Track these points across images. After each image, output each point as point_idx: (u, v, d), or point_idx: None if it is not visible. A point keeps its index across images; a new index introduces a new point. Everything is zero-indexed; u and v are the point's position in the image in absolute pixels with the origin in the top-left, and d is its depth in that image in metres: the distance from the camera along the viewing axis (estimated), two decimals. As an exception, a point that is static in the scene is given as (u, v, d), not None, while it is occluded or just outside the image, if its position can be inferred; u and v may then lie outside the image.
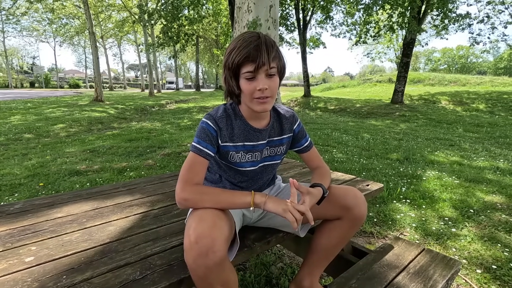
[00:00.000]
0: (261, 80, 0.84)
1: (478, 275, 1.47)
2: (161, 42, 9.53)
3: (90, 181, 2.80)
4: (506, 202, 2.36)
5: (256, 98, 0.87)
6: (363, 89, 19.59)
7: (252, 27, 3.30)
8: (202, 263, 0.68)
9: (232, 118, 0.96)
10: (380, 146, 4.55)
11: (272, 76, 0.86)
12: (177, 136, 5.15)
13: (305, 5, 13.12)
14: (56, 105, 10.82)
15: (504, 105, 10.18)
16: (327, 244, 1.04)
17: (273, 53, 0.84)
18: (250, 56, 0.82)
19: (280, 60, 0.88)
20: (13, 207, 1.22)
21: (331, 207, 0.99)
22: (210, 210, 0.80)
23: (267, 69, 0.84)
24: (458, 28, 10.35)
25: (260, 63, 0.82)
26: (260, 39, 0.83)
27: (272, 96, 0.88)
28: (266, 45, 0.83)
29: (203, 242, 0.68)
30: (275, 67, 0.86)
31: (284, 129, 1.06)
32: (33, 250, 0.88)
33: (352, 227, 1.00)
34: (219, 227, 0.73)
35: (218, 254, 0.69)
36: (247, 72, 0.84)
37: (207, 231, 0.70)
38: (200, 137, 0.91)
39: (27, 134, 5.55)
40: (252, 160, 1.01)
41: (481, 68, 48.91)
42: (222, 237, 0.71)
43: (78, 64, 56.43)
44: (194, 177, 0.87)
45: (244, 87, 0.87)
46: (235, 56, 0.84)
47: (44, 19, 24.21)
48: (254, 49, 0.82)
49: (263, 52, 0.82)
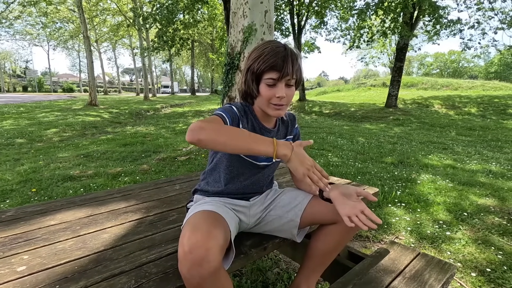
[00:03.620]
0: (281, 89, 0.90)
1: (473, 278, 1.49)
2: (156, 46, 9.52)
3: (84, 186, 2.77)
4: (499, 205, 2.39)
5: (274, 104, 0.92)
6: (358, 93, 19.77)
7: (248, 32, 3.32)
8: (196, 273, 0.68)
9: (248, 114, 1.00)
10: (374, 149, 4.58)
11: (291, 86, 0.92)
12: (172, 140, 5.12)
13: (299, 10, 13.26)
14: (50, 109, 10.71)
15: (495, 109, 10.36)
16: (323, 248, 1.04)
17: (297, 65, 0.90)
18: (277, 65, 0.87)
19: (300, 72, 0.93)
20: (5, 214, 1.19)
21: (328, 211, 0.99)
22: (205, 218, 0.79)
23: (289, 79, 0.89)
24: (449, 34, 10.55)
25: (284, 73, 0.87)
26: (287, 51, 0.89)
27: (287, 104, 0.94)
28: (292, 58, 0.89)
29: (197, 252, 0.67)
30: (295, 78, 0.91)
31: (287, 131, 1.11)
32: (25, 259, 0.86)
33: (349, 232, 1.00)
34: (213, 236, 0.72)
35: (213, 264, 0.68)
36: (270, 79, 0.89)
37: (201, 241, 0.69)
38: (225, 110, 0.92)
39: (19, 139, 5.47)
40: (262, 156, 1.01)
41: (473, 72, 49.76)
42: (216, 247, 0.70)
43: (72, 68, 56.10)
44: (213, 121, 0.84)
45: (264, 92, 0.91)
46: (261, 63, 0.88)
47: (37, 23, 23.99)
48: (281, 60, 0.87)
49: (289, 63, 0.87)
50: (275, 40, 0.99)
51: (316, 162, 0.85)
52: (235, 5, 3.43)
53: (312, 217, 1.02)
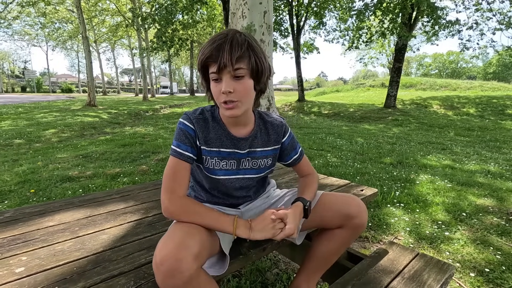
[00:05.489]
0: (226, 82, 0.77)
1: (472, 279, 1.49)
2: (155, 47, 9.52)
3: (82, 187, 2.76)
4: (497, 205, 2.39)
5: (223, 102, 0.80)
6: (357, 94, 19.82)
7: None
8: (170, 284, 0.66)
9: (209, 121, 0.90)
10: (373, 150, 4.59)
11: (240, 78, 0.77)
12: (171, 141, 5.11)
13: (298, 11, 13.28)
14: (48, 110, 10.68)
15: (494, 109, 10.40)
16: (326, 252, 1.03)
17: (238, 52, 0.74)
18: (213, 56, 0.75)
19: (251, 60, 0.77)
20: (3, 215, 1.19)
21: (334, 216, 0.97)
22: (181, 227, 0.76)
23: (230, 70, 0.75)
24: (448, 34, 10.60)
25: (221, 63, 0.74)
26: (227, 38, 0.75)
27: (240, 100, 0.79)
28: (231, 44, 0.74)
29: (168, 264, 0.65)
30: (244, 68, 0.77)
31: (270, 140, 0.98)
32: (23, 261, 0.86)
33: (352, 235, 1.00)
34: (185, 246, 0.69)
35: (186, 273, 0.66)
36: (212, 73, 0.78)
37: (172, 252, 0.67)
38: (179, 140, 0.85)
39: (17, 140, 5.45)
40: (227, 169, 0.93)
41: (471, 73, 49.94)
42: (189, 256, 0.67)
43: (71, 69, 56.04)
44: (179, 185, 0.83)
45: (212, 89, 0.81)
46: (200, 55, 0.78)
47: (36, 23, 23.95)
48: (216, 49, 0.74)
49: (225, 52, 0.73)
50: (227, 29, 0.84)
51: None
52: (234, 5, 3.44)
53: (314, 222, 1.01)
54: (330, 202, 0.99)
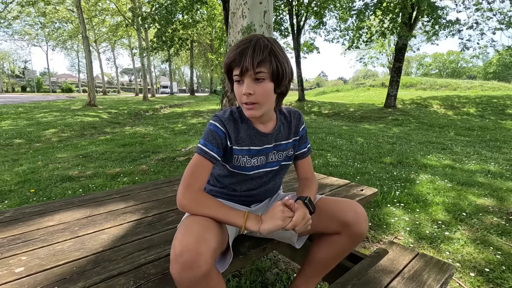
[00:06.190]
0: (247, 85, 0.82)
1: (472, 278, 1.49)
2: (155, 46, 9.50)
3: (82, 187, 2.76)
4: (497, 205, 2.39)
5: (244, 103, 0.85)
6: (357, 94, 19.80)
7: (247, 32, 3.32)
8: (186, 277, 0.67)
9: (238, 122, 0.94)
10: (373, 150, 4.59)
11: (260, 81, 0.82)
12: (171, 141, 5.12)
13: (298, 10, 13.28)
14: (48, 110, 10.68)
15: (494, 109, 10.40)
16: (325, 257, 1.03)
17: (260, 57, 0.79)
18: (236, 60, 0.81)
19: (272, 64, 0.81)
20: (3, 215, 1.19)
21: (330, 222, 0.96)
22: (198, 221, 0.77)
23: (251, 74, 0.81)
24: (448, 34, 10.58)
25: (243, 67, 0.80)
26: (251, 43, 0.80)
27: (259, 102, 0.84)
28: (254, 49, 0.79)
29: (187, 255, 0.66)
30: (265, 72, 0.81)
31: (291, 132, 1.04)
32: (23, 260, 0.86)
33: (352, 243, 0.98)
34: (205, 240, 0.71)
35: (203, 268, 0.67)
36: (236, 75, 0.84)
37: (192, 244, 0.68)
38: (207, 139, 0.89)
39: (18, 139, 5.46)
40: (258, 165, 0.98)
41: (471, 72, 49.92)
42: (208, 251, 0.69)
43: (71, 68, 56.04)
44: (196, 182, 0.85)
45: (235, 90, 0.88)
46: (226, 59, 0.85)
47: (36, 23, 23.96)
48: (239, 53, 0.80)
49: (247, 56, 0.79)
50: (252, 34, 0.90)
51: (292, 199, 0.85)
52: (234, 5, 3.43)
53: (313, 227, 0.99)
54: (327, 207, 0.98)
